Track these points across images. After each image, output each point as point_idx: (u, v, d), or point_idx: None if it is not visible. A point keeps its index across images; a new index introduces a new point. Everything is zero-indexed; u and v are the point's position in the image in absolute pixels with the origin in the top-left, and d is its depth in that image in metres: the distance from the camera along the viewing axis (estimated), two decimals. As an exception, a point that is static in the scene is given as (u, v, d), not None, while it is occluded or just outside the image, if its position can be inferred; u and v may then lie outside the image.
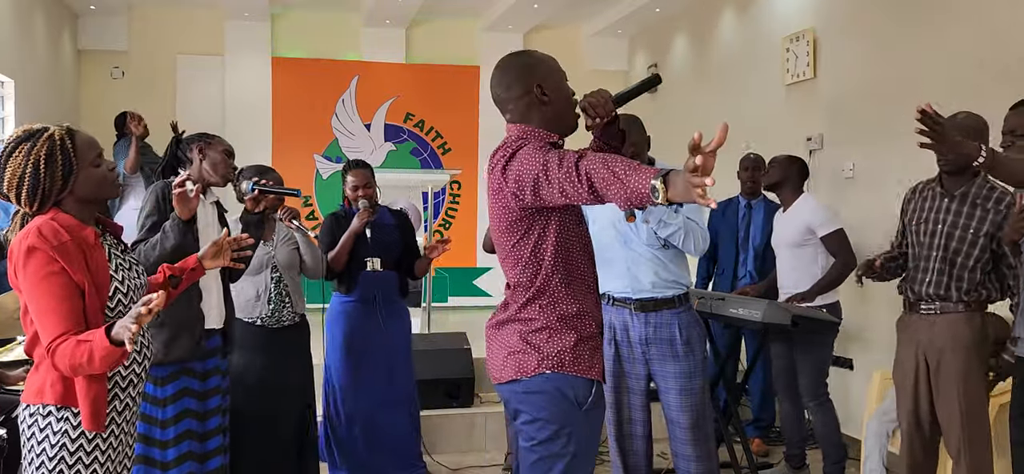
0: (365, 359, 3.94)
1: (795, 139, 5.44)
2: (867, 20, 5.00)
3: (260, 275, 3.55)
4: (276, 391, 3.56)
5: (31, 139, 2.03)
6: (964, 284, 2.99)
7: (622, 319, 3.14)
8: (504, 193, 2.09)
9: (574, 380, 2.12)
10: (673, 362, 3.08)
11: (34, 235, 1.96)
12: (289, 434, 3.65)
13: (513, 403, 2.21)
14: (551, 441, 2.12)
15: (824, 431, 4.00)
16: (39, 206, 2.03)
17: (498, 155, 2.14)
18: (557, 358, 2.11)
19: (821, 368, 4.00)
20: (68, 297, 1.96)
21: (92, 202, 2.12)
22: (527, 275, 2.14)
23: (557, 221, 2.12)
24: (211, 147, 3.11)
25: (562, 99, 2.19)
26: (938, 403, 3.05)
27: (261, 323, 3.56)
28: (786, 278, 4.12)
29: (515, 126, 2.17)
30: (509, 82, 2.17)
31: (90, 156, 2.08)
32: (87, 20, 7.81)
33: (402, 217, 4.19)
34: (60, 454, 2.02)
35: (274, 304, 3.58)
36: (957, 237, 2.99)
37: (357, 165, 4.01)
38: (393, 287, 4.03)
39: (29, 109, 6.21)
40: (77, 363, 1.91)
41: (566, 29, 8.66)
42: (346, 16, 8.30)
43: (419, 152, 8.56)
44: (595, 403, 2.16)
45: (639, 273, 3.10)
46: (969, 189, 3.00)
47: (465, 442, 4.83)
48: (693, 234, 3.04)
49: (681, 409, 3.08)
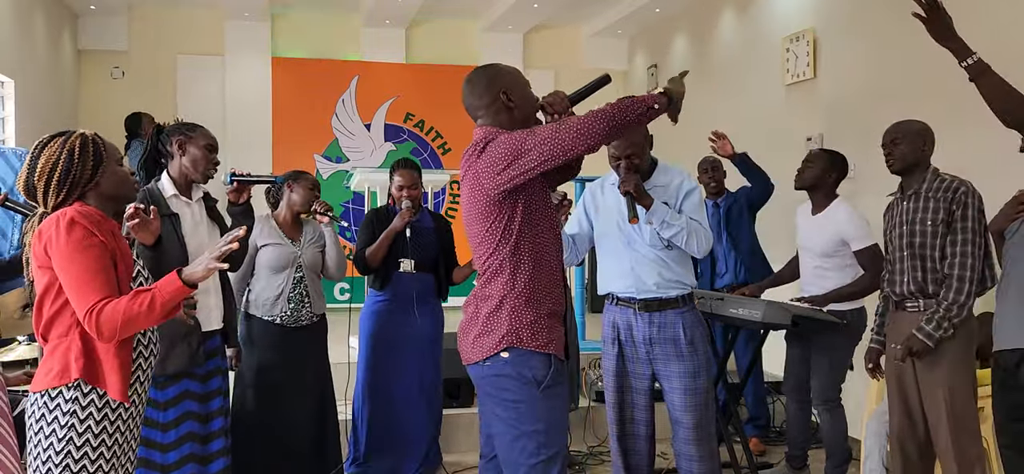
0: (395, 356, 3.98)
1: (795, 139, 5.44)
2: (867, 20, 5.00)
3: (283, 273, 3.57)
4: (292, 389, 3.59)
5: (64, 135, 2.17)
6: (939, 276, 3.05)
7: (626, 319, 3.14)
8: (479, 178, 2.27)
9: (532, 357, 2.30)
10: (677, 362, 3.08)
11: (73, 212, 2.08)
12: (306, 432, 3.67)
13: (481, 386, 2.39)
14: (518, 420, 2.31)
15: (831, 434, 3.96)
16: (66, 195, 2.13)
17: (469, 150, 2.34)
18: (515, 334, 2.29)
19: (837, 372, 3.94)
20: (107, 267, 2.07)
21: (112, 200, 2.23)
22: (497, 248, 2.30)
23: (523, 201, 2.29)
24: (192, 141, 2.98)
25: (527, 104, 2.41)
26: (926, 401, 3.09)
27: (280, 322, 3.58)
28: (812, 284, 3.99)
29: (482, 128, 2.37)
30: (479, 91, 2.38)
31: (115, 156, 2.24)
32: (87, 20, 7.82)
33: (442, 221, 4.21)
34: (67, 442, 2.05)
35: (294, 303, 3.60)
36: (919, 232, 3.08)
37: (405, 165, 4.02)
38: (428, 288, 4.06)
39: (29, 109, 6.21)
40: (131, 314, 1.99)
41: (566, 29, 8.66)
42: (346, 16, 8.31)
43: (419, 152, 8.56)
44: (555, 380, 2.33)
45: (643, 273, 3.10)
46: (920, 186, 3.12)
47: (465, 442, 4.83)
48: (696, 235, 3.04)
49: (685, 409, 3.08)
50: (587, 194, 3.35)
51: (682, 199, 3.11)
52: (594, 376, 5.07)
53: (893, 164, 3.18)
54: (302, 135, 8.24)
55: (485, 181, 2.27)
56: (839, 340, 3.88)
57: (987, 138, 3.48)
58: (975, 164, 3.52)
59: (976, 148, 3.96)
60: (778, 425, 5.12)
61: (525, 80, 2.45)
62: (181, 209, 2.96)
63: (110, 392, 2.08)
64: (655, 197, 3.04)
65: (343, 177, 8.03)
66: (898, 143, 3.17)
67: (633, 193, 2.99)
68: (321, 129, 8.36)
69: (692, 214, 3.08)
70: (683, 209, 3.10)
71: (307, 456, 3.69)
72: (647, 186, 3.08)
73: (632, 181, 3.00)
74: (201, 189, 3.09)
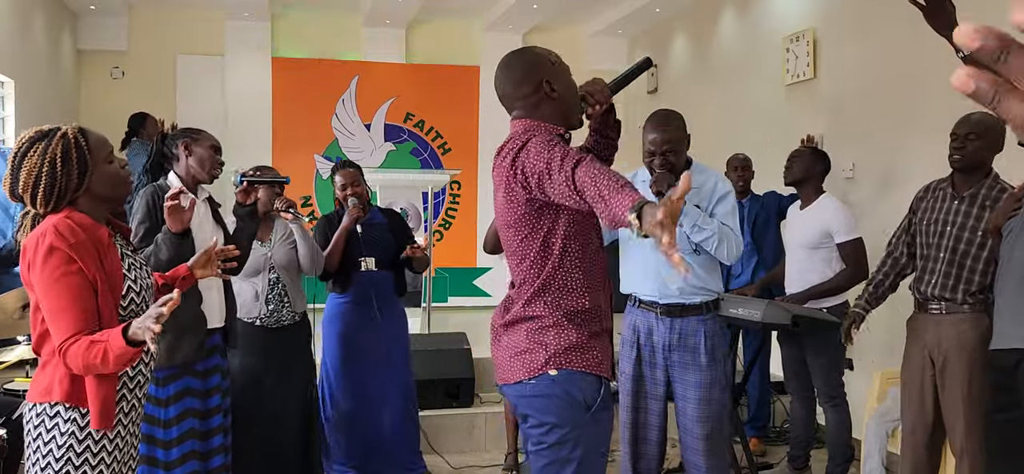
0: (361, 358, 3.94)
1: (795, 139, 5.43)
2: (867, 20, 4.99)
3: (258, 276, 3.55)
4: (277, 391, 3.56)
5: (45, 139, 2.01)
6: (972, 287, 2.99)
7: (647, 322, 3.03)
8: (513, 186, 2.05)
9: (582, 379, 2.09)
10: (694, 371, 2.97)
11: (52, 234, 1.95)
12: (292, 434, 3.65)
13: (520, 406, 2.18)
14: (559, 445, 2.10)
15: (836, 432, 3.97)
16: (54, 205, 2.01)
17: (506, 149, 2.11)
18: (564, 355, 2.08)
19: (835, 368, 3.96)
20: (83, 297, 1.95)
21: (105, 200, 2.11)
22: (534, 270, 2.10)
23: (567, 215, 2.07)
24: (198, 143, 3.03)
25: (570, 93, 2.16)
26: (944, 402, 3.06)
27: (261, 323, 3.56)
28: (795, 280, 4.05)
29: (520, 121, 2.14)
30: (518, 79, 2.13)
31: (103, 154, 2.08)
32: (87, 20, 7.81)
33: (394, 216, 4.18)
34: (66, 455, 2.01)
35: (273, 304, 3.58)
36: (965, 239, 3.00)
37: (344, 165, 4.04)
38: (389, 286, 4.02)
39: (29, 109, 6.21)
40: (90, 362, 1.91)
41: (566, 29, 8.66)
42: (346, 16, 8.30)
43: (419, 152, 8.55)
44: (604, 404, 2.13)
45: (667, 277, 2.96)
46: (978, 190, 3.01)
47: (465, 442, 4.82)
48: (727, 240, 2.90)
49: (697, 419, 2.97)
50: None
51: (715, 202, 2.97)
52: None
53: (961, 160, 3.00)
54: (302, 135, 8.24)
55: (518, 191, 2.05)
56: (831, 337, 3.90)
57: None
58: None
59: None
60: (778, 425, 5.12)
61: (566, 66, 2.21)
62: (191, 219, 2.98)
63: (92, 422, 1.99)
64: (689, 198, 2.85)
65: (343, 177, 8.02)
66: (972, 139, 2.98)
67: (665, 194, 2.86)
68: (321, 129, 8.36)
69: (724, 219, 2.94)
70: (715, 213, 2.95)
71: (295, 457, 3.67)
72: None
73: (666, 181, 2.88)
74: (206, 190, 3.13)
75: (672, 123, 2.98)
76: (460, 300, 7.56)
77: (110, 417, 2.02)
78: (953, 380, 3.00)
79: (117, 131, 6.44)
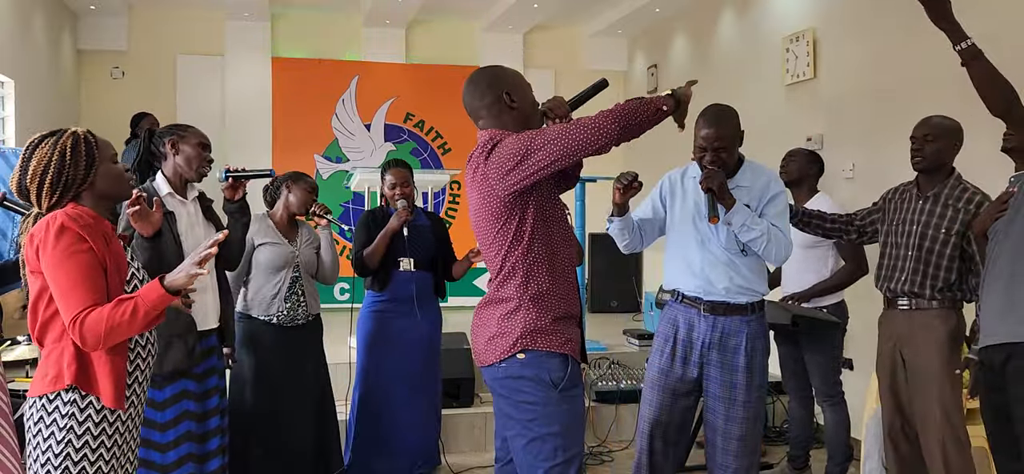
0: (396, 356, 3.96)
1: (795, 139, 5.43)
2: (867, 20, 5.00)
3: (281, 273, 3.58)
4: (289, 389, 3.59)
5: (55, 135, 2.13)
6: (938, 282, 3.07)
7: (688, 318, 2.98)
8: (487, 180, 2.25)
9: (549, 359, 2.27)
10: (729, 371, 2.92)
11: (63, 216, 2.03)
12: (305, 432, 3.67)
13: (494, 388, 2.36)
14: (533, 422, 2.28)
15: (835, 431, 3.99)
16: (60, 197, 2.09)
17: (476, 152, 2.32)
18: (530, 337, 2.26)
19: (832, 367, 3.98)
20: (95, 274, 2.03)
21: (107, 199, 2.19)
22: (504, 254, 2.29)
23: (534, 203, 2.28)
24: (184, 141, 2.99)
25: (528, 105, 2.39)
26: (913, 396, 3.12)
27: (277, 322, 3.58)
28: (792, 278, 4.08)
29: (486, 131, 2.34)
30: (481, 91, 2.36)
31: (109, 154, 2.18)
32: (87, 20, 7.82)
33: (436, 219, 4.20)
34: (66, 448, 2.03)
35: (291, 303, 3.61)
36: (930, 236, 3.08)
37: (396, 164, 3.99)
38: (428, 286, 4.05)
39: (29, 109, 6.21)
40: (116, 322, 1.96)
41: (566, 29, 8.66)
42: (346, 16, 8.31)
43: (419, 152, 8.56)
44: (571, 382, 2.30)
45: (712, 276, 2.93)
46: (941, 190, 3.10)
47: (465, 442, 4.83)
48: (776, 242, 2.86)
49: (731, 419, 2.92)
50: (665, 182, 3.17)
51: (765, 203, 2.93)
52: (594, 376, 5.08)
53: (921, 162, 3.11)
54: (302, 135, 8.24)
55: (494, 182, 2.24)
56: (826, 336, 3.92)
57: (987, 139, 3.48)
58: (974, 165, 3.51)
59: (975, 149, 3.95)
60: (777, 425, 5.12)
61: (527, 83, 2.44)
62: (177, 208, 2.97)
63: (104, 399, 2.04)
64: (738, 197, 2.88)
65: (343, 177, 8.02)
66: (930, 141, 3.09)
67: (715, 191, 2.84)
68: (321, 129, 8.36)
69: (774, 220, 2.90)
70: (765, 213, 2.91)
71: (309, 456, 3.70)
72: (731, 184, 2.92)
73: (717, 178, 2.85)
74: (196, 188, 3.10)
75: (725, 120, 2.96)
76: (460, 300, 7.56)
77: (122, 395, 2.08)
78: (926, 377, 3.06)
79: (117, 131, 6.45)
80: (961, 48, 2.56)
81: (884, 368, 3.26)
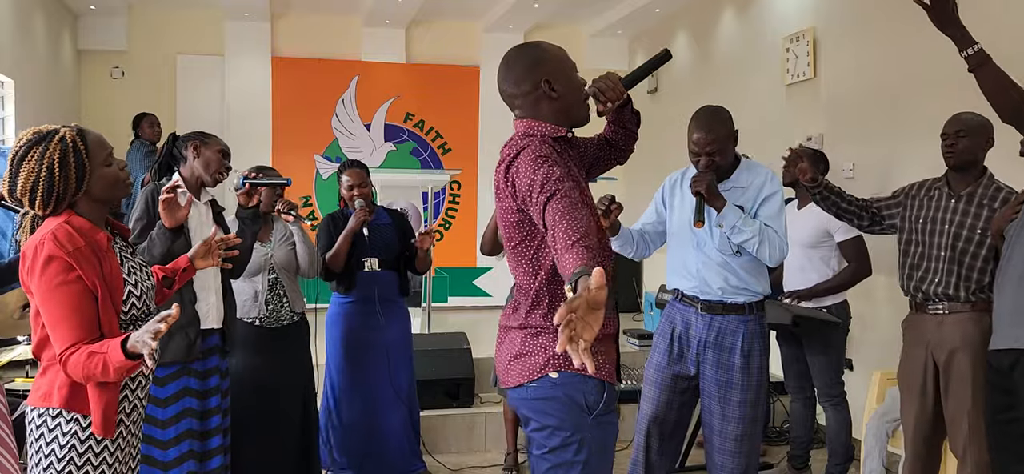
0: (364, 359, 3.93)
1: (795, 139, 5.43)
2: (867, 20, 5.00)
3: (258, 276, 3.55)
4: (276, 391, 3.56)
5: (42, 142, 2.00)
6: (972, 284, 3.00)
7: (686, 318, 2.99)
8: (505, 195, 2.05)
9: (584, 382, 2.02)
10: (725, 371, 2.91)
11: (50, 242, 1.94)
12: (291, 434, 3.65)
13: (521, 409, 2.12)
14: (562, 449, 2.04)
15: (836, 430, 3.98)
16: (53, 209, 2.02)
17: (504, 153, 2.09)
18: (566, 357, 1.98)
19: (835, 367, 3.97)
20: (82, 307, 1.95)
21: (105, 202, 2.11)
22: (527, 279, 2.08)
23: None
24: (207, 146, 3.07)
25: (572, 92, 2.11)
26: (946, 402, 3.05)
27: (260, 323, 3.56)
28: (794, 278, 4.06)
29: (522, 122, 2.11)
30: (517, 78, 2.10)
31: (102, 156, 2.07)
32: (87, 20, 7.81)
33: (399, 217, 4.17)
34: (69, 455, 2.00)
35: (272, 305, 3.58)
36: (964, 237, 3.00)
37: (352, 165, 4.00)
38: (392, 287, 4.01)
39: (29, 109, 6.21)
40: (91, 372, 1.92)
41: (566, 29, 8.66)
42: (346, 16, 8.31)
43: (419, 152, 8.56)
44: (607, 408, 2.07)
45: (708, 277, 2.94)
46: (975, 189, 3.02)
47: (465, 442, 4.83)
48: (770, 242, 2.84)
49: (725, 419, 2.91)
50: (666, 184, 3.17)
51: (760, 203, 2.92)
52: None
53: (954, 158, 3.04)
54: (302, 135, 8.24)
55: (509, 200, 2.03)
56: (831, 336, 3.90)
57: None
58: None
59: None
60: (778, 425, 5.12)
61: (571, 63, 2.15)
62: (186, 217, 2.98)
63: (94, 428, 1.99)
64: (734, 197, 2.88)
65: (343, 177, 8.02)
66: (963, 136, 3.02)
67: (703, 195, 2.83)
68: (321, 129, 8.36)
69: (768, 220, 2.88)
70: (759, 214, 2.90)
71: (293, 459, 3.67)
72: (727, 185, 2.92)
73: (704, 182, 2.84)
74: (209, 192, 3.14)
75: (717, 122, 2.94)
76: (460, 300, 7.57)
77: (112, 424, 2.03)
78: (959, 380, 2.99)
79: (117, 131, 6.47)
80: (968, 54, 2.52)
81: (913, 373, 3.15)
